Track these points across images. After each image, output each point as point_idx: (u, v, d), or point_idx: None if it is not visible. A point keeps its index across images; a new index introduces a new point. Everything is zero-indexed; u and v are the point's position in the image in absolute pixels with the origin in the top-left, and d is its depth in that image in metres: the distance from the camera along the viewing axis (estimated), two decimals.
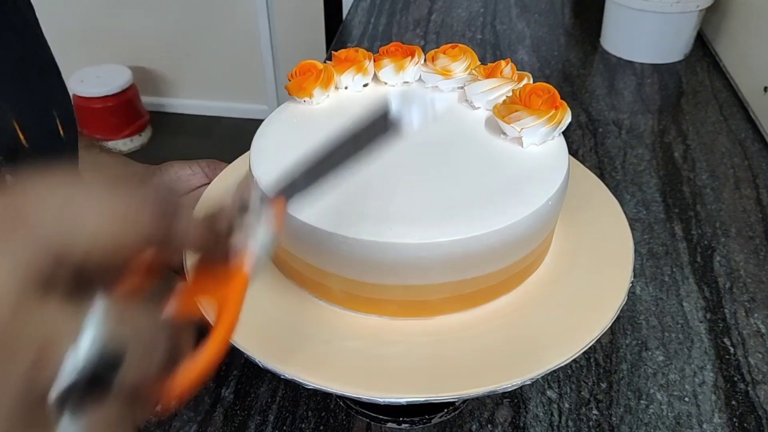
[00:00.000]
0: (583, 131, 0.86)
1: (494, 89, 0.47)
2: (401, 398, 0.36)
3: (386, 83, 0.50)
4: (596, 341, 0.40)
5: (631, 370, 0.55)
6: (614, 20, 1.03)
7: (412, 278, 0.39)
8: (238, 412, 0.52)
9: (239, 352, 0.38)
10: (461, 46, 0.50)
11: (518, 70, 0.48)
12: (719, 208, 0.73)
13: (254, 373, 0.54)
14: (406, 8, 1.18)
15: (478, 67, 0.49)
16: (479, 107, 0.47)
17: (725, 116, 0.89)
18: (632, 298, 0.62)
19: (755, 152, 0.82)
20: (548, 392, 0.53)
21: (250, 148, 0.45)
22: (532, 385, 0.53)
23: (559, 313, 0.42)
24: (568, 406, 0.52)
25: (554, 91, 0.45)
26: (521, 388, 0.49)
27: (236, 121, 2.32)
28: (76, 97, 2.10)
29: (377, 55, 0.51)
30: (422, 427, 0.51)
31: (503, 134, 0.45)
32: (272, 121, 0.47)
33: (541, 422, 0.51)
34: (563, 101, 0.44)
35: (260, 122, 0.47)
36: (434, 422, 0.51)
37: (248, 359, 0.38)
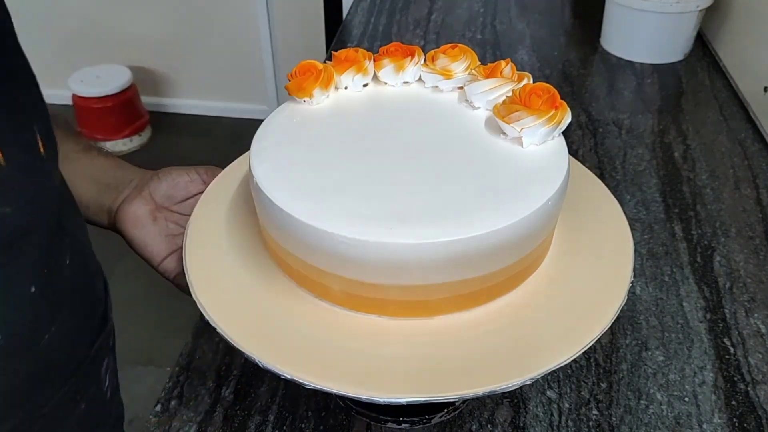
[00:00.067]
0: (583, 131, 0.86)
1: (494, 89, 0.47)
2: (401, 398, 0.36)
3: (386, 83, 0.50)
4: (596, 341, 0.40)
5: (631, 370, 0.55)
6: (614, 20, 1.03)
7: (412, 278, 0.39)
8: (238, 412, 0.52)
9: (239, 352, 0.39)
10: (461, 46, 0.50)
11: (518, 70, 0.48)
12: (719, 208, 0.73)
13: (254, 373, 0.54)
14: (406, 8, 1.18)
15: (478, 67, 0.49)
16: (479, 107, 0.47)
17: (725, 116, 0.89)
18: (632, 298, 0.62)
19: (755, 152, 0.82)
20: (548, 392, 0.53)
21: (250, 148, 0.45)
22: (532, 385, 0.54)
23: (559, 313, 0.42)
24: (568, 406, 0.52)
25: (554, 91, 0.45)
26: (521, 388, 0.49)
27: (236, 121, 2.32)
28: (76, 97, 2.10)
29: (377, 55, 0.51)
30: (422, 427, 0.51)
31: (503, 134, 0.45)
32: (272, 121, 0.47)
33: (541, 422, 0.51)
34: (563, 101, 0.44)
35: (260, 122, 0.47)
36: (434, 422, 0.51)
37: (248, 359, 0.38)
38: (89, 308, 0.48)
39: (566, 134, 0.45)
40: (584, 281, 0.44)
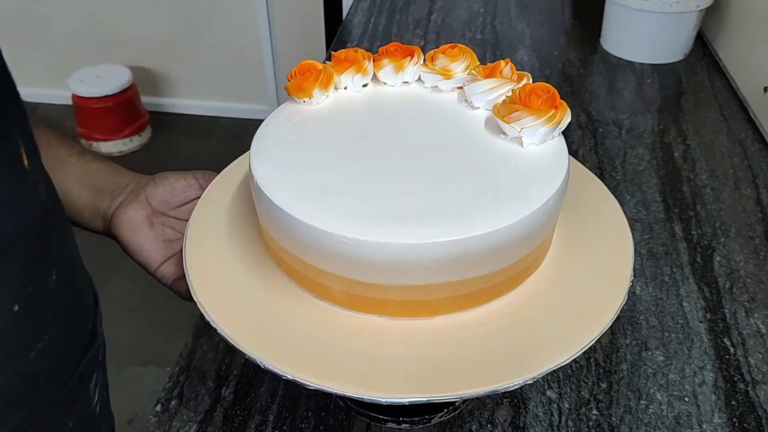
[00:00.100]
0: (583, 131, 0.86)
1: (494, 89, 0.47)
2: (402, 398, 0.36)
3: (386, 83, 0.50)
4: (596, 341, 0.40)
5: (631, 370, 0.55)
6: (614, 20, 1.03)
7: (412, 278, 0.39)
8: (238, 412, 0.52)
9: (239, 352, 0.39)
10: (461, 46, 0.50)
11: (518, 70, 0.48)
12: (719, 208, 0.73)
13: (254, 373, 0.54)
14: (406, 8, 1.18)
15: (477, 67, 0.49)
16: (479, 107, 0.47)
17: (725, 116, 0.89)
18: (632, 298, 0.62)
19: (755, 152, 0.82)
20: (548, 392, 0.53)
21: (250, 148, 0.45)
22: (532, 385, 0.54)
23: (559, 313, 0.42)
24: (568, 406, 0.52)
25: (554, 90, 0.45)
26: (521, 388, 0.49)
27: (236, 121, 2.32)
28: (76, 97, 2.10)
29: (377, 55, 0.51)
30: (422, 427, 0.51)
31: (503, 134, 0.45)
32: (272, 121, 0.47)
33: (541, 422, 0.51)
34: (563, 101, 0.44)
35: (260, 122, 0.47)
36: (434, 422, 0.51)
37: (248, 359, 0.38)
38: (77, 325, 0.46)
39: (566, 134, 0.45)
40: (584, 281, 0.44)
